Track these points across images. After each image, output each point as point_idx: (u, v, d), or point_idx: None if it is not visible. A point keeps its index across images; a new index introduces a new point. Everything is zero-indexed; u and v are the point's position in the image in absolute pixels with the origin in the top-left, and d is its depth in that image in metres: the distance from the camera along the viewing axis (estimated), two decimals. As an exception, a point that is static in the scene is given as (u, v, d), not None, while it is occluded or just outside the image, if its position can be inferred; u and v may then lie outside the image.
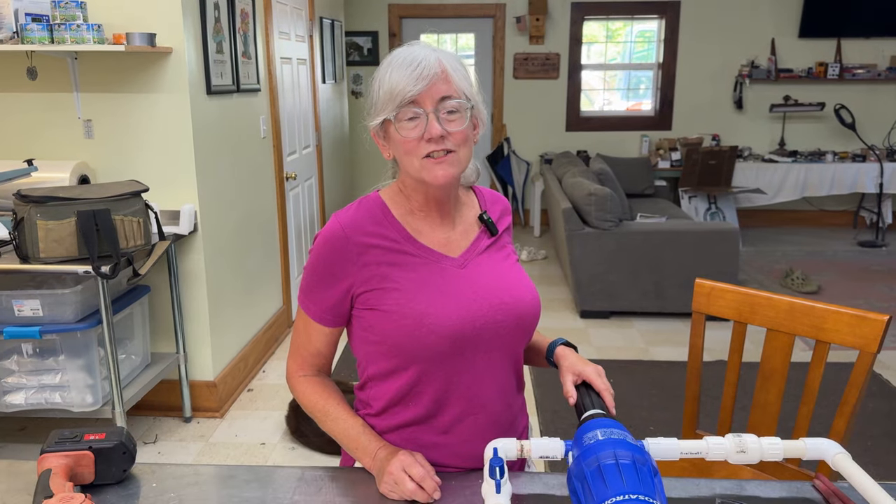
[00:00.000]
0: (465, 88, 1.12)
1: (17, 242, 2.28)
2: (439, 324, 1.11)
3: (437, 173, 1.10)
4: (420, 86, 1.07)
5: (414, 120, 1.09)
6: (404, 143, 1.11)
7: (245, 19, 3.24)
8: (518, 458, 1.03)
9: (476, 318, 1.13)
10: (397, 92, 1.08)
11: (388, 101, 1.10)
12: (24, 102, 2.76)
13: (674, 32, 6.30)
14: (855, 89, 6.30)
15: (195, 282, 2.87)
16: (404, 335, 1.11)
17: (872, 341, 1.44)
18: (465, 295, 1.14)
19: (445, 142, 1.10)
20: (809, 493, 1.06)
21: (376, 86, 1.13)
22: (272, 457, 2.69)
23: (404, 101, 1.08)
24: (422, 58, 1.09)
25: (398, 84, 1.08)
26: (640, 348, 3.74)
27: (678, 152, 6.18)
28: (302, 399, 1.23)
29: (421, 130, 1.09)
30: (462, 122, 1.11)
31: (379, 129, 1.16)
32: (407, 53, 1.10)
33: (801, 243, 5.94)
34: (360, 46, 6.45)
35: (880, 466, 2.58)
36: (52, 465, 1.01)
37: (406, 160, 1.12)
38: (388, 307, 1.12)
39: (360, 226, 1.16)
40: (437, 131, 1.08)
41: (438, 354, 1.12)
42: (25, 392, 2.44)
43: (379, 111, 1.12)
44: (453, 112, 1.10)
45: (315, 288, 1.17)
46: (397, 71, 1.09)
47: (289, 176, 3.92)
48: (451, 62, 1.12)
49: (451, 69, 1.11)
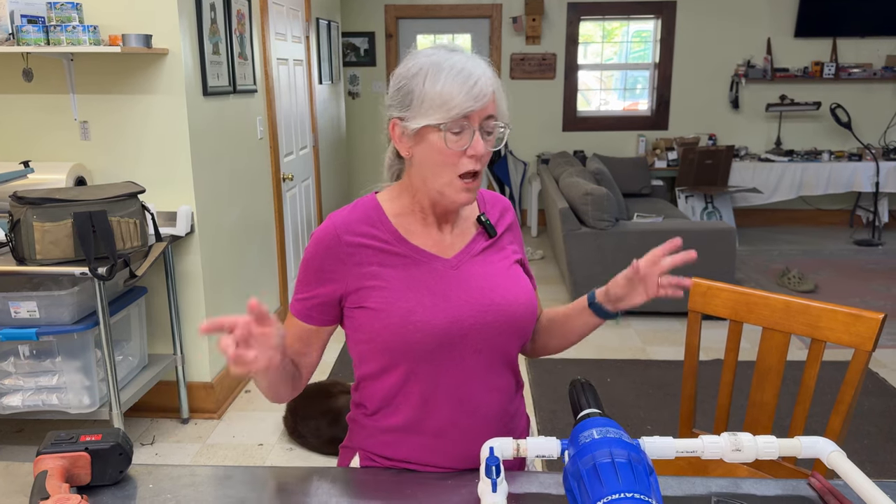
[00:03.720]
0: (505, 111, 1.14)
1: (13, 244, 2.27)
2: (425, 322, 1.11)
3: (463, 197, 1.13)
4: (479, 104, 1.07)
5: (459, 133, 1.09)
6: (446, 153, 1.10)
7: (241, 20, 3.24)
8: (514, 457, 1.03)
9: (464, 318, 1.13)
10: (454, 104, 1.07)
11: (438, 107, 1.07)
12: (20, 104, 2.76)
13: (670, 32, 6.31)
14: (851, 88, 6.31)
15: (192, 283, 2.87)
16: (391, 333, 1.12)
17: (868, 339, 1.45)
18: (454, 295, 1.14)
19: (480, 160, 1.11)
20: (805, 491, 1.06)
21: (420, 84, 1.08)
22: (270, 458, 2.69)
23: (460, 114, 1.07)
24: (479, 74, 1.08)
25: (455, 95, 1.06)
26: (637, 347, 3.74)
27: (675, 152, 6.19)
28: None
29: (464, 145, 1.09)
30: (493, 143, 1.13)
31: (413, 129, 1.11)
32: (461, 63, 1.08)
33: (798, 242, 5.95)
34: (356, 47, 6.45)
35: (876, 464, 2.59)
36: (48, 467, 1.01)
37: (437, 170, 1.11)
38: (375, 305, 1.13)
39: (352, 226, 1.17)
40: (482, 149, 1.10)
41: (425, 353, 1.12)
42: (22, 394, 2.44)
43: (423, 113, 1.08)
44: (490, 133, 1.12)
45: (305, 285, 1.19)
46: (452, 81, 1.07)
47: (286, 177, 3.92)
48: (498, 84, 1.13)
49: (498, 92, 1.12)
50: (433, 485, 1.09)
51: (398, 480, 1.11)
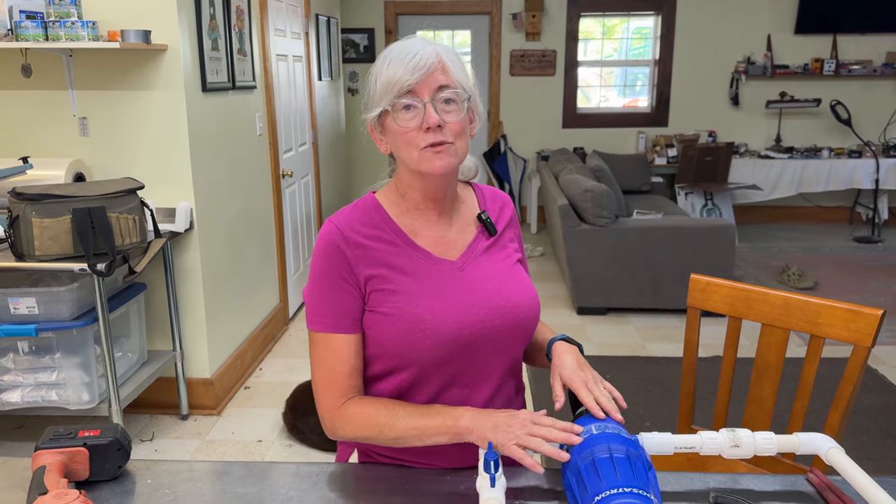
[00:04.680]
0: (463, 80, 1.12)
1: (12, 240, 2.27)
2: (435, 329, 1.10)
3: (436, 164, 1.09)
4: (417, 75, 1.07)
5: (411, 110, 1.09)
6: (402, 133, 1.10)
7: (240, 16, 3.24)
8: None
9: (473, 322, 1.13)
10: (394, 82, 1.08)
11: (385, 92, 1.09)
12: (18, 100, 2.75)
13: (670, 29, 6.30)
14: (851, 85, 6.30)
15: (191, 279, 2.87)
16: (400, 339, 1.11)
17: (867, 336, 1.45)
18: (462, 299, 1.14)
19: (443, 132, 1.09)
20: (803, 486, 1.06)
21: (373, 79, 1.12)
22: (269, 454, 2.69)
23: (402, 90, 1.08)
24: (418, 48, 1.08)
25: (395, 75, 1.08)
26: (637, 344, 3.74)
27: (674, 149, 6.19)
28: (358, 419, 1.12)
29: (419, 120, 1.08)
30: (459, 114, 1.10)
31: (376, 122, 1.14)
32: (403, 46, 1.10)
33: (798, 239, 5.95)
34: (356, 43, 6.44)
35: (874, 461, 2.59)
36: (46, 462, 1.01)
37: (404, 152, 1.11)
38: (387, 310, 1.12)
39: (356, 227, 1.15)
40: (435, 120, 1.07)
41: (434, 358, 1.11)
42: (22, 390, 2.44)
43: (376, 103, 1.11)
44: (450, 102, 1.09)
45: (328, 296, 1.13)
46: (394, 63, 1.08)
47: (285, 173, 3.92)
48: (448, 54, 1.12)
49: (448, 60, 1.10)
50: (431, 480, 1.09)
51: (396, 476, 1.11)
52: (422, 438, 1.09)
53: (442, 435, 1.07)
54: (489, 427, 1.03)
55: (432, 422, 1.08)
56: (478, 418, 1.05)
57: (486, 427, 1.03)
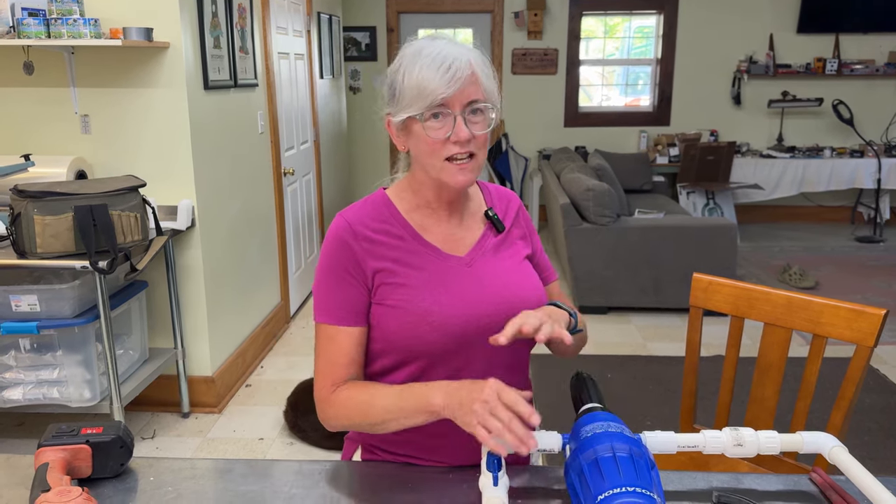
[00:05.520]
0: (492, 91, 1.12)
1: (14, 238, 2.27)
2: (442, 322, 1.11)
3: (459, 178, 1.10)
4: (453, 89, 1.06)
5: (441, 120, 1.08)
6: (429, 143, 1.09)
7: (242, 14, 3.23)
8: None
9: (480, 317, 1.13)
10: (428, 92, 1.06)
11: (415, 97, 1.07)
12: (20, 97, 2.75)
13: (672, 28, 6.30)
14: (853, 85, 6.29)
15: (193, 277, 2.87)
16: (407, 332, 1.11)
17: (869, 335, 1.44)
18: (470, 293, 1.14)
19: (470, 144, 1.09)
20: (806, 486, 1.06)
21: (400, 77, 1.09)
22: (270, 452, 2.69)
23: (434, 102, 1.06)
24: (453, 58, 1.07)
25: (429, 83, 1.06)
26: (638, 343, 3.74)
27: (676, 148, 6.18)
28: (342, 405, 1.12)
29: (447, 132, 1.08)
30: (485, 125, 1.11)
31: (399, 122, 1.13)
32: (438, 50, 1.08)
33: (799, 239, 5.95)
34: (357, 42, 6.43)
35: (877, 461, 2.59)
36: (49, 459, 1.01)
37: (428, 159, 1.11)
38: (393, 303, 1.12)
39: (365, 222, 1.16)
40: (466, 135, 1.08)
41: (440, 352, 1.12)
42: (23, 387, 2.44)
43: (404, 107, 1.09)
44: (477, 112, 1.10)
45: (334, 289, 1.14)
46: (428, 69, 1.06)
47: (287, 171, 3.92)
48: (480, 63, 1.11)
49: (480, 72, 1.10)
50: (435, 478, 1.09)
51: (399, 474, 1.11)
52: (399, 421, 1.07)
53: (419, 415, 1.05)
54: (457, 405, 1.00)
55: (407, 403, 1.06)
56: (449, 395, 1.02)
57: (455, 405, 1.00)
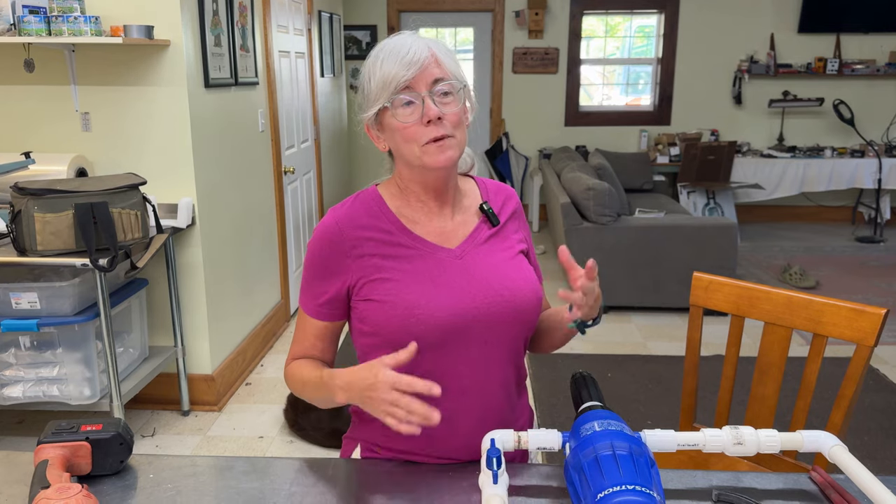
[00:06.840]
0: (456, 71, 1.14)
1: (14, 235, 2.27)
2: (429, 314, 1.10)
3: (440, 157, 1.11)
4: (413, 70, 1.08)
5: (410, 105, 1.10)
6: (403, 129, 1.11)
7: (243, 12, 3.23)
8: (515, 449, 1.03)
9: (469, 309, 1.13)
10: (390, 79, 1.09)
11: (381, 90, 1.10)
12: (21, 95, 2.75)
13: (673, 27, 6.29)
14: (854, 85, 6.29)
15: (193, 275, 2.87)
16: (395, 325, 1.11)
17: (870, 335, 1.44)
18: (458, 286, 1.14)
19: (443, 124, 1.10)
20: (806, 485, 1.06)
21: (366, 78, 1.14)
22: (270, 450, 2.69)
23: (398, 87, 1.09)
24: (410, 44, 1.10)
25: (390, 72, 1.09)
26: (638, 343, 3.74)
27: (677, 147, 6.18)
28: (289, 378, 1.22)
29: (418, 115, 1.10)
30: (456, 105, 1.12)
31: (373, 120, 1.16)
32: (394, 42, 1.12)
33: (800, 239, 5.95)
34: (358, 40, 6.43)
35: (876, 461, 2.59)
36: (48, 456, 1.01)
37: (406, 147, 1.12)
38: (380, 297, 1.13)
39: (354, 219, 1.17)
40: (435, 112, 1.09)
41: (429, 345, 1.12)
42: (23, 385, 2.44)
43: (373, 102, 1.13)
44: (447, 94, 1.11)
45: (311, 282, 1.19)
46: (388, 60, 1.10)
47: (287, 170, 3.92)
48: (439, 47, 1.13)
49: (439, 53, 1.12)
50: (434, 476, 1.09)
51: (399, 471, 1.11)
52: (323, 404, 1.17)
53: (333, 403, 1.12)
54: (358, 400, 1.04)
55: (321, 393, 1.14)
56: (348, 392, 1.05)
57: (358, 401, 1.04)
